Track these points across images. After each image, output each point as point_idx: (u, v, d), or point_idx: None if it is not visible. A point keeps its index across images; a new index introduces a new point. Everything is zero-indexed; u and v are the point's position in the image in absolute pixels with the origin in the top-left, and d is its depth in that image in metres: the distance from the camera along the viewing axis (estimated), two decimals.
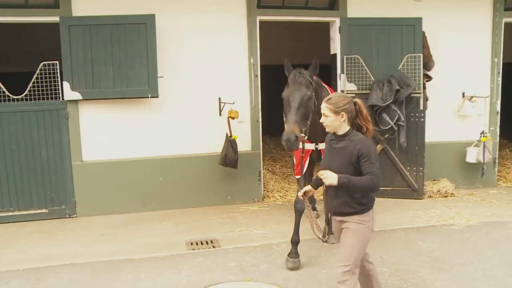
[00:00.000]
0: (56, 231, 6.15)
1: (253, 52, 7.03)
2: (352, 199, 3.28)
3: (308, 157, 5.08)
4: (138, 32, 6.41)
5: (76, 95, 6.42)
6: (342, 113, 3.26)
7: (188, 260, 5.01)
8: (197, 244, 5.52)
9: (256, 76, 7.06)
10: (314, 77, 4.68)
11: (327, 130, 3.41)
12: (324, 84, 5.17)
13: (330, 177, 3.17)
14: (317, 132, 4.57)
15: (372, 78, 7.11)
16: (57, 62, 6.46)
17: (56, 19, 6.39)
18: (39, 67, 6.42)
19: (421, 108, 7.06)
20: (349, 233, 3.33)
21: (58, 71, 6.46)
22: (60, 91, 6.49)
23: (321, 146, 4.82)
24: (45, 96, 6.47)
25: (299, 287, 4.35)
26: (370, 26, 7.18)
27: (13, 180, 6.56)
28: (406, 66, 7.05)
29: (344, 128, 3.33)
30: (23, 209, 6.63)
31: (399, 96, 6.84)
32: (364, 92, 7.16)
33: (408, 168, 7.17)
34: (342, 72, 7.26)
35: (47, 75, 6.43)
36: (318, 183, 3.60)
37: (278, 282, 4.47)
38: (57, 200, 6.71)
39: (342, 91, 7.20)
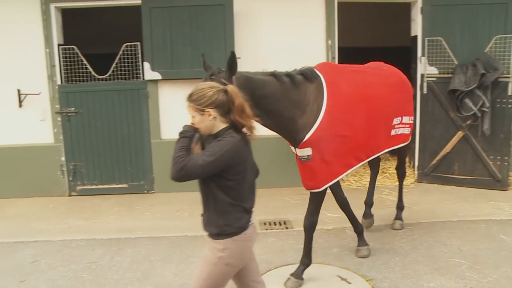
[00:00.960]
0: (135, 205, 6.46)
1: (331, 33, 6.90)
2: (210, 216, 2.64)
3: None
4: (216, 13, 6.50)
5: (156, 75, 6.64)
6: (208, 110, 2.52)
7: (261, 240, 5.07)
8: (270, 224, 5.59)
9: (334, 58, 6.92)
10: (321, 68, 4.17)
11: (202, 132, 2.65)
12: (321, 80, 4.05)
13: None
14: (286, 134, 3.99)
15: (455, 61, 6.76)
16: (139, 43, 6.70)
17: (138, 2, 6.61)
18: (122, 49, 6.70)
19: (510, 93, 6.60)
20: (202, 260, 2.73)
21: (139, 52, 6.71)
22: (141, 71, 6.75)
23: (298, 152, 4.03)
24: (127, 76, 6.76)
25: (371, 273, 4.28)
26: (455, 6, 6.81)
27: (97, 156, 6.95)
28: (494, 48, 6.62)
29: (219, 126, 2.59)
30: (105, 183, 7.03)
31: (485, 81, 6.45)
32: (446, 76, 6.85)
33: (492, 157, 6.78)
34: (423, 55, 6.98)
35: (129, 56, 6.71)
36: None
37: (350, 266, 4.43)
38: (136, 176, 7.03)
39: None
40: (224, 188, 2.57)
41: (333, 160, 3.97)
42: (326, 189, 4.09)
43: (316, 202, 4.18)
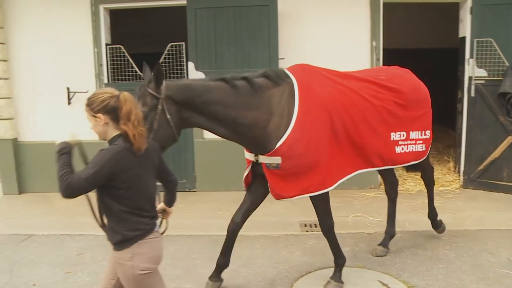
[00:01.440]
0: (176, 203, 6.47)
1: (376, 34, 6.79)
2: (111, 225, 2.63)
3: (250, 169, 3.99)
4: (260, 14, 6.52)
5: (200, 75, 6.71)
6: (99, 115, 2.52)
7: (301, 241, 5.08)
8: (310, 226, 5.56)
9: (378, 59, 6.82)
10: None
11: (99, 138, 2.66)
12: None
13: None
14: (248, 142, 3.76)
15: (507, 63, 6.52)
16: (183, 43, 6.80)
17: (183, 2, 6.70)
18: (167, 48, 6.82)
19: None
20: (121, 279, 2.68)
21: (184, 51, 6.80)
22: (185, 71, 6.83)
23: (262, 159, 3.71)
24: (171, 75, 6.86)
25: (413, 280, 4.19)
26: (508, 4, 6.55)
27: None
28: None
29: (111, 133, 2.58)
30: None
31: None
32: (495, 78, 6.61)
33: None
34: (471, 56, 6.75)
35: (174, 56, 6.82)
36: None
37: (391, 272, 4.36)
38: (178, 174, 7.07)
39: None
40: (115, 197, 2.54)
41: (308, 172, 3.69)
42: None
43: (322, 205, 4.01)
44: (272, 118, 3.61)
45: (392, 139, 4.16)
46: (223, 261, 4.11)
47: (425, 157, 4.54)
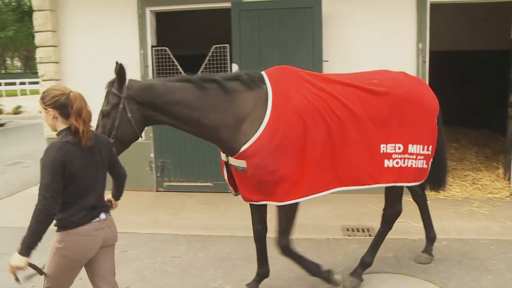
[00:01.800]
0: (219, 204, 6.61)
1: (422, 36, 6.62)
2: None
3: (225, 170, 3.99)
4: (304, 16, 6.49)
5: None
6: (49, 109, 2.72)
7: (343, 246, 5.02)
8: (353, 230, 5.48)
9: (424, 62, 6.63)
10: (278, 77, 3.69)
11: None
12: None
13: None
14: (215, 142, 3.74)
15: None
16: (227, 45, 6.85)
17: (227, 5, 6.76)
18: (211, 50, 6.90)
19: None
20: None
21: (228, 53, 6.86)
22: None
23: (232, 161, 3.66)
24: None
25: None
26: None
27: (184, 154, 7.21)
28: None
29: (59, 127, 2.79)
30: (191, 181, 7.26)
31: None
32: None
33: None
34: None
35: (218, 57, 6.88)
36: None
37: (435, 280, 4.24)
38: (221, 175, 7.07)
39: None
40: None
41: (274, 180, 3.51)
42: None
43: (286, 219, 3.78)
44: (240, 123, 3.53)
45: (382, 151, 3.74)
46: (263, 271, 4.12)
47: (421, 182, 4.09)
